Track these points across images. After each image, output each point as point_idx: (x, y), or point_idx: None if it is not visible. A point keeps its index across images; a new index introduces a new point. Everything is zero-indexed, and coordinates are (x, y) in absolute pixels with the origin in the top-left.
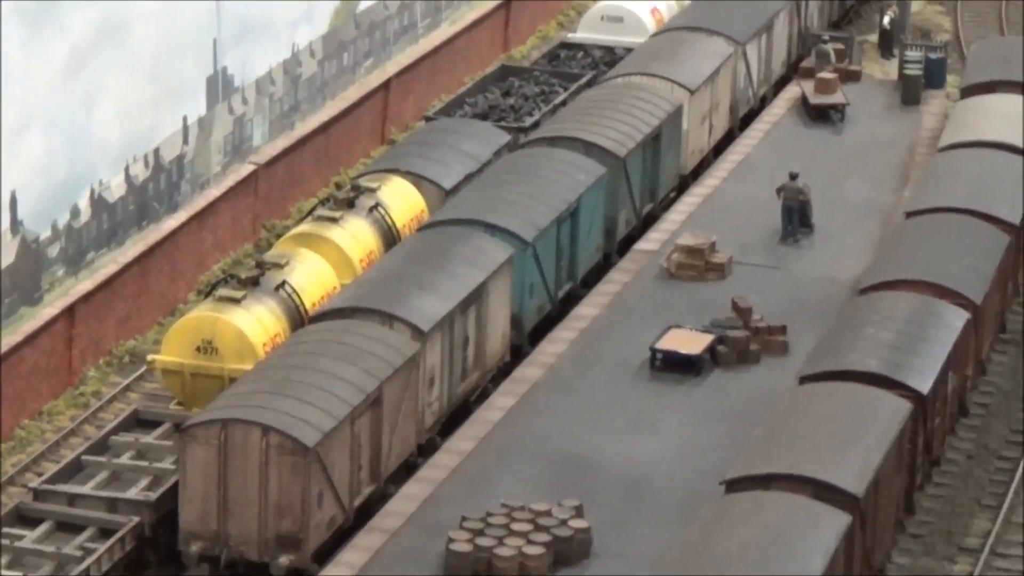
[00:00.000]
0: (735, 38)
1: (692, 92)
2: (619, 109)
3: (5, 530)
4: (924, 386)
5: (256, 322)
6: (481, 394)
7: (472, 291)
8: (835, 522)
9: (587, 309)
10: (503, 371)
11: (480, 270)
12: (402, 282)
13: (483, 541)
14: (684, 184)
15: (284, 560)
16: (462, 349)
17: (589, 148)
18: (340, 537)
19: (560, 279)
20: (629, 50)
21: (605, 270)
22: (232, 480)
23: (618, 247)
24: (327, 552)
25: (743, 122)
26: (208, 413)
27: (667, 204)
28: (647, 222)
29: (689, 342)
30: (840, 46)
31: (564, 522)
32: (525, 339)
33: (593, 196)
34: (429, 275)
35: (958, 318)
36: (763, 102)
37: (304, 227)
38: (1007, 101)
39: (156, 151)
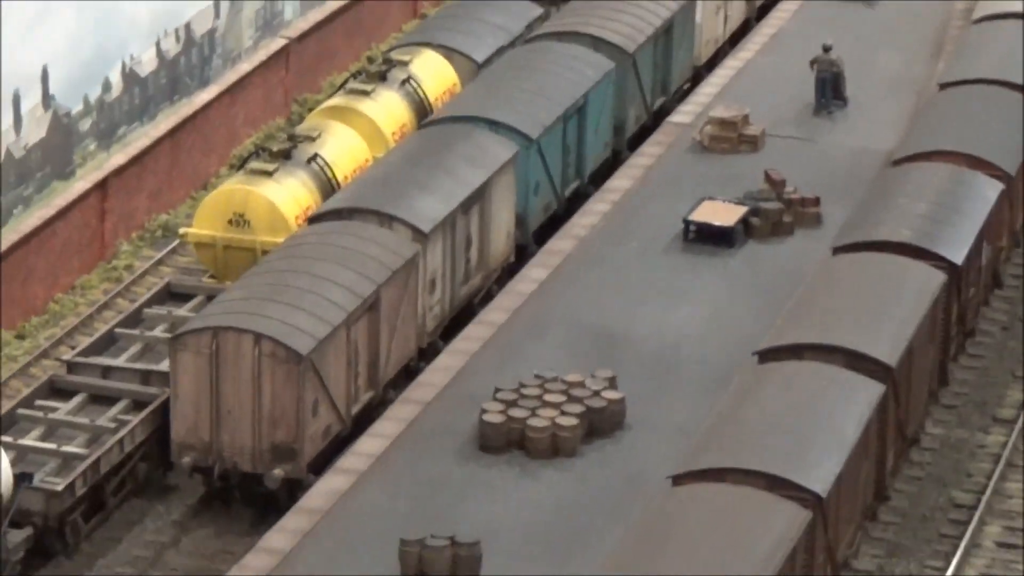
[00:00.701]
0: None
1: None
2: (629, 1)
3: (39, 402)
4: (958, 256)
5: (288, 195)
6: (486, 295)
7: (474, 191)
8: (869, 392)
9: (620, 181)
10: (508, 271)
11: (483, 169)
12: (402, 182)
13: (516, 412)
14: (698, 76)
15: (278, 471)
16: (464, 250)
17: (597, 43)
18: (338, 446)
19: (567, 177)
20: None
21: (614, 168)
22: (224, 390)
23: (628, 144)
24: (324, 461)
25: (760, 12)
26: (199, 320)
27: (681, 97)
28: (659, 116)
29: (722, 214)
30: None
31: (597, 393)
32: (530, 239)
33: (601, 92)
34: (430, 175)
35: (992, 189)
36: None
37: (336, 100)
38: None
39: (187, 25)
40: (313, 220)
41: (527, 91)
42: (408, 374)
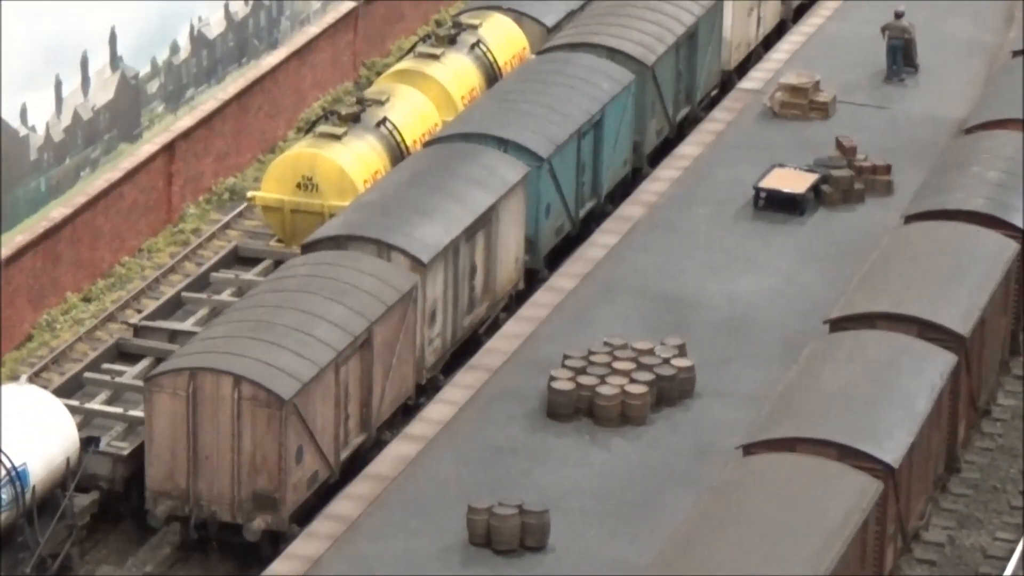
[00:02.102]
0: None
1: None
2: (650, 8)
3: (105, 366)
4: None
5: (356, 158)
6: (492, 324)
7: (479, 216)
8: (941, 362)
9: (690, 148)
10: (517, 298)
11: (489, 192)
12: (402, 207)
13: (585, 379)
14: (728, 82)
15: (259, 522)
16: (468, 279)
17: (614, 54)
18: (326, 494)
19: (581, 197)
20: None
21: (634, 185)
22: (202, 434)
23: (649, 159)
24: (310, 510)
25: (797, 13)
26: (176, 360)
27: (708, 105)
28: (683, 128)
29: (793, 181)
30: None
31: (667, 360)
32: (541, 263)
33: (619, 106)
34: (432, 198)
35: None
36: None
37: (405, 64)
38: None
39: None
40: (307, 247)
41: (539, 106)
42: (406, 412)
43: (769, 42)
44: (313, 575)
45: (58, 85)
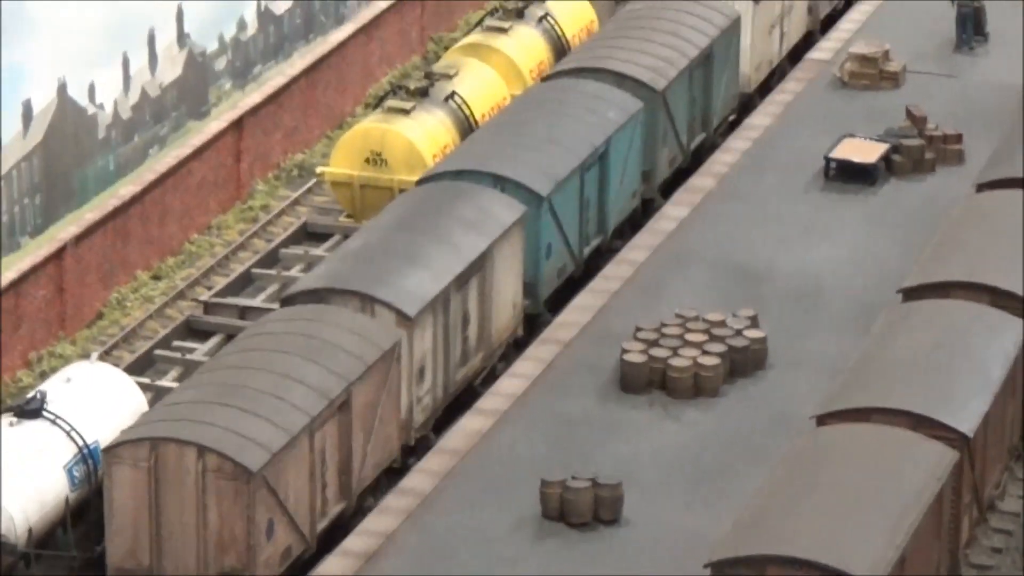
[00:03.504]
0: None
1: (757, 1)
2: (661, 29)
3: (176, 343)
4: None
5: (425, 133)
6: (489, 375)
7: (472, 262)
8: (1015, 330)
9: (759, 118)
10: (516, 345)
11: (483, 235)
12: (388, 255)
13: (657, 352)
14: (748, 104)
15: None
16: (461, 330)
17: (622, 80)
18: (303, 567)
19: (585, 235)
20: None
21: (647, 217)
22: (166, 509)
23: (661, 190)
24: None
25: (825, 24)
26: (136, 430)
27: (727, 130)
28: (698, 156)
29: (863, 151)
30: None
31: (739, 332)
32: (542, 307)
33: (626, 136)
34: (421, 244)
35: None
36: (848, 4)
37: (473, 37)
38: None
39: None
40: (286, 301)
41: (539, 139)
42: (391, 475)
43: (797, 55)
44: (386, 550)
45: (125, 62)
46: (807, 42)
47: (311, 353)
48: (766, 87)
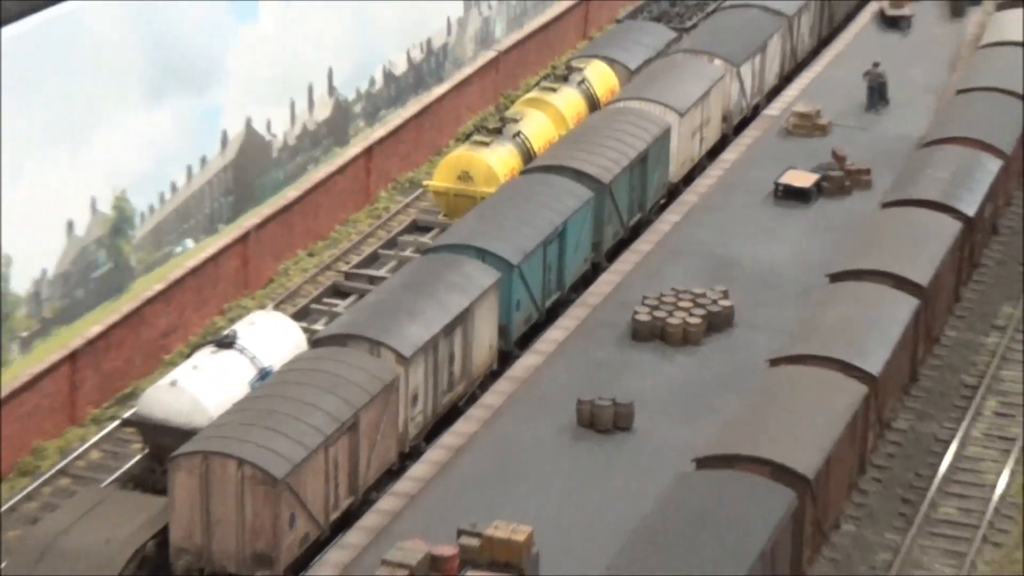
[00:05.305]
0: (731, 60)
1: (682, 114)
2: (610, 135)
3: (325, 300)
4: (970, 210)
5: (499, 159)
6: (470, 398)
7: (457, 316)
8: (909, 303)
9: (730, 155)
10: (492, 375)
11: (465, 295)
12: (393, 309)
13: (658, 313)
14: (675, 191)
15: (259, 575)
16: (447, 366)
17: (579, 175)
18: (316, 549)
19: (547, 291)
20: None
21: (593, 277)
22: (213, 505)
23: (607, 255)
24: (304, 562)
25: (736, 129)
26: (192, 444)
27: (659, 210)
28: (635, 231)
29: (802, 178)
30: None
31: (715, 301)
32: (512, 346)
33: (579, 218)
34: (419, 302)
35: (994, 164)
36: (756, 110)
37: (532, 94)
38: None
39: (428, 40)
40: (316, 343)
41: (514, 220)
42: (391, 474)
43: (714, 152)
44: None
45: (292, 105)
46: (722, 143)
47: (328, 385)
48: (689, 179)
